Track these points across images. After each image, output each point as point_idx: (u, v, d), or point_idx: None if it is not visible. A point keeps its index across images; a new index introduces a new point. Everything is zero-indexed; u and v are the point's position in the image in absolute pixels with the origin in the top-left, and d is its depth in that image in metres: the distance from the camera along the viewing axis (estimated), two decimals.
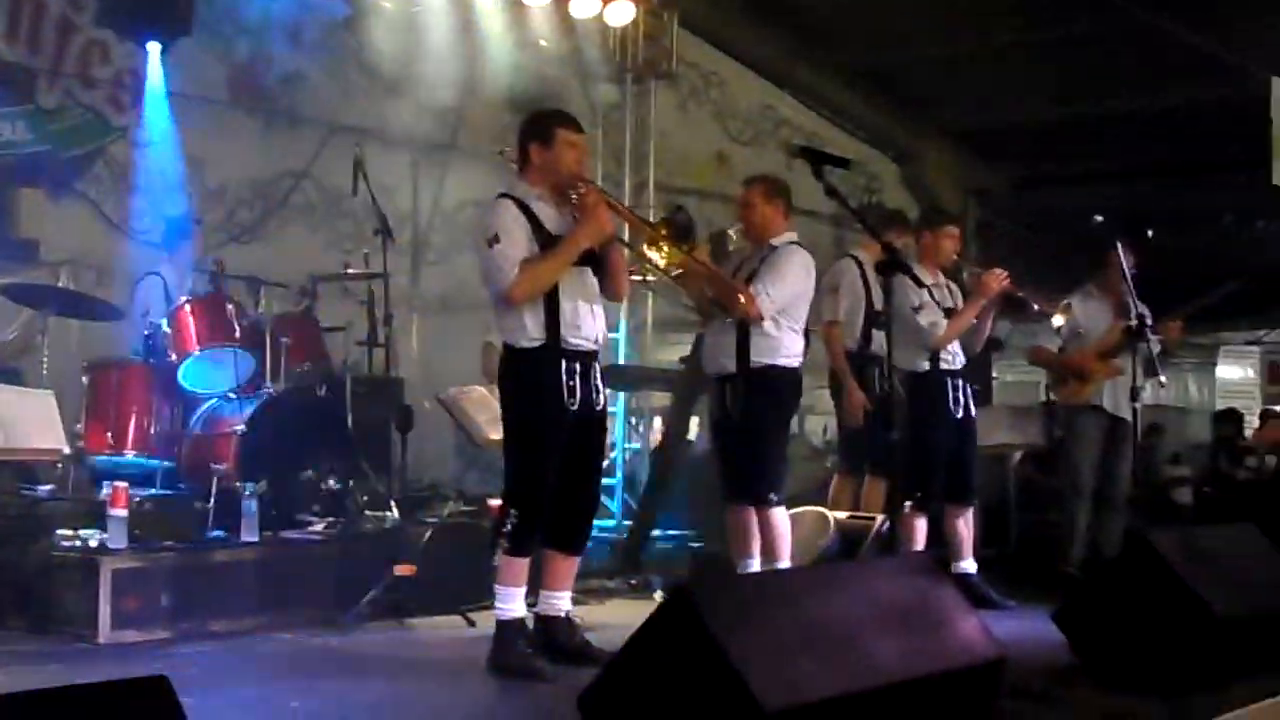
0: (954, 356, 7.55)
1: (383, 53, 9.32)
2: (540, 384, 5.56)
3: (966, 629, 4.61)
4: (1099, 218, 7.86)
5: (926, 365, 7.48)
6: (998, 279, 7.41)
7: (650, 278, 7.66)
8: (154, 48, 8.67)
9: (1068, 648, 5.69)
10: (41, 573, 6.38)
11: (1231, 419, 13.31)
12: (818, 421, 11.04)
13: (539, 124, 5.82)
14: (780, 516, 6.66)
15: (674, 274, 6.22)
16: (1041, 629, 5.91)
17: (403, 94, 9.86)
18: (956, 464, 7.57)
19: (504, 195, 5.71)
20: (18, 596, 6.35)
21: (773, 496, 6.61)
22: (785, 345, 6.59)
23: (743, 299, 6.42)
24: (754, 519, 6.69)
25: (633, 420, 10.96)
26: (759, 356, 6.55)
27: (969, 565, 7.63)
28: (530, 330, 5.57)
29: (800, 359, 6.70)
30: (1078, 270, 9.14)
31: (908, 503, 7.33)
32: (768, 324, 6.50)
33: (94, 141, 9.10)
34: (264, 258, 9.24)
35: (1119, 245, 7.88)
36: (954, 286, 7.69)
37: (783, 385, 6.63)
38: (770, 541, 6.67)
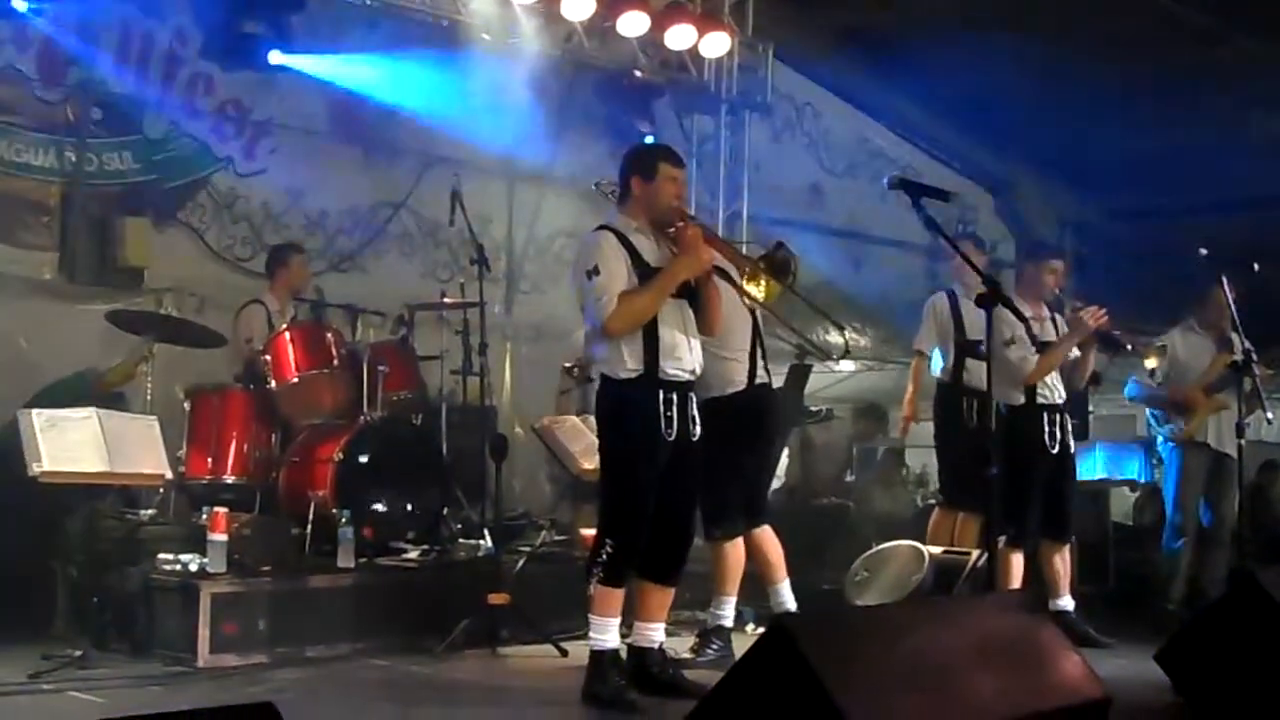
0: (1052, 391, 7.42)
1: (480, 83, 9.39)
2: (638, 414, 5.56)
3: (1069, 668, 4.54)
4: (1204, 250, 7.72)
5: (1022, 399, 7.37)
6: (1094, 316, 7.29)
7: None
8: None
9: (1171, 688, 5.58)
10: (142, 596, 6.50)
11: None
12: (915, 456, 10.93)
13: (642, 157, 5.86)
14: (717, 550, 6.69)
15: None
16: (1143, 669, 5.81)
17: (499, 124, 9.93)
18: (1053, 500, 7.44)
19: (603, 227, 5.73)
20: (119, 619, 6.46)
21: (713, 531, 6.60)
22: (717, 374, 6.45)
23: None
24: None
25: None
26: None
27: (1066, 603, 7.51)
28: (628, 361, 5.57)
29: (733, 387, 6.55)
30: (1176, 303, 8.99)
31: (1002, 538, 7.24)
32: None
33: (198, 171, 9.25)
34: (362, 286, 9.36)
35: (1223, 279, 7.77)
36: (1058, 319, 7.56)
37: (718, 415, 6.31)
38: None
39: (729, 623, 6.77)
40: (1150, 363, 7.83)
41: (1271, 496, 10.94)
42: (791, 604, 6.84)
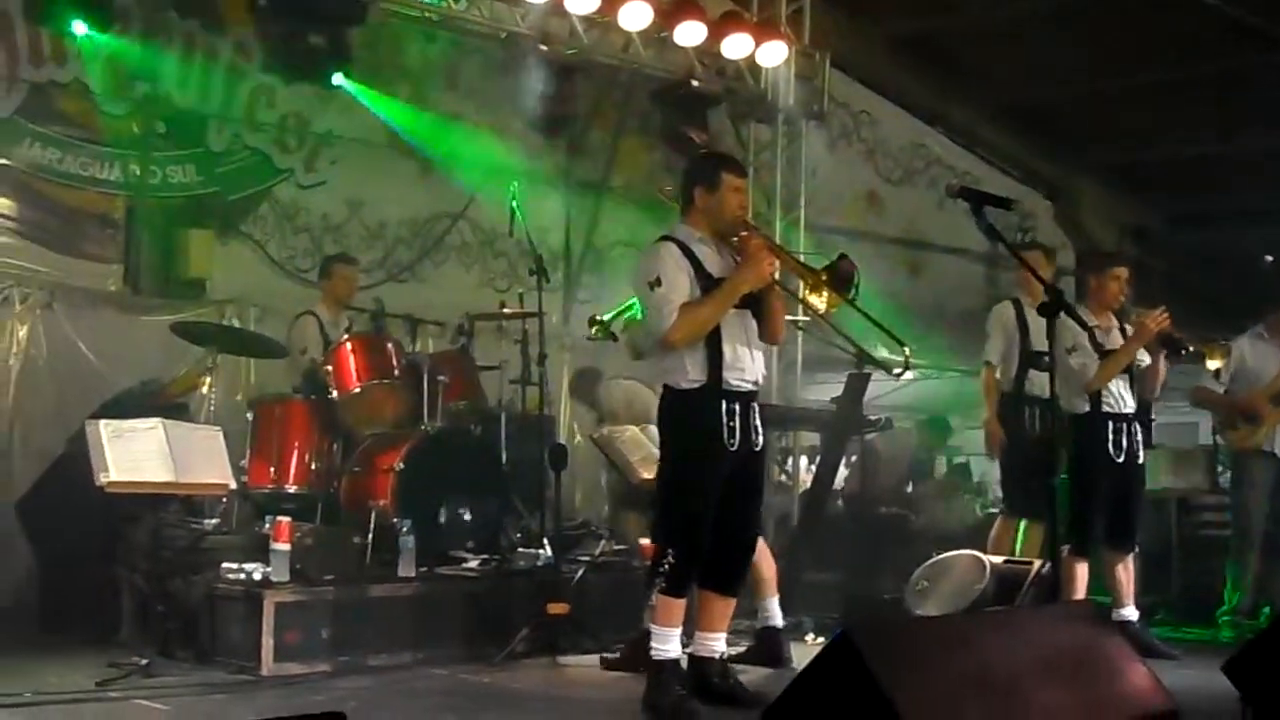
0: (1118, 399, 7.34)
1: (538, 93, 9.41)
2: (701, 424, 5.53)
3: (1136, 679, 4.50)
4: (1270, 258, 7.65)
5: (1086, 407, 7.31)
6: (1156, 320, 7.20)
7: (803, 318, 7.68)
8: None
9: (1239, 700, 5.50)
10: (206, 605, 6.56)
11: None
12: (977, 465, 10.88)
13: (705, 168, 5.84)
14: None
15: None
16: (1210, 680, 5.71)
17: (557, 134, 9.95)
18: (1119, 509, 7.36)
19: (666, 238, 5.71)
20: (183, 628, 6.53)
21: None
22: None
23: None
24: None
25: (779, 459, 10.89)
26: None
27: (1130, 612, 7.42)
28: (691, 372, 5.55)
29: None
30: (1239, 310, 8.90)
31: (1065, 547, 7.18)
32: None
33: (260, 183, 9.36)
34: (420, 296, 9.41)
35: None
36: (1128, 328, 7.48)
37: None
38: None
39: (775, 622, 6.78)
40: (1214, 363, 7.71)
41: None
42: (778, 620, 6.83)
